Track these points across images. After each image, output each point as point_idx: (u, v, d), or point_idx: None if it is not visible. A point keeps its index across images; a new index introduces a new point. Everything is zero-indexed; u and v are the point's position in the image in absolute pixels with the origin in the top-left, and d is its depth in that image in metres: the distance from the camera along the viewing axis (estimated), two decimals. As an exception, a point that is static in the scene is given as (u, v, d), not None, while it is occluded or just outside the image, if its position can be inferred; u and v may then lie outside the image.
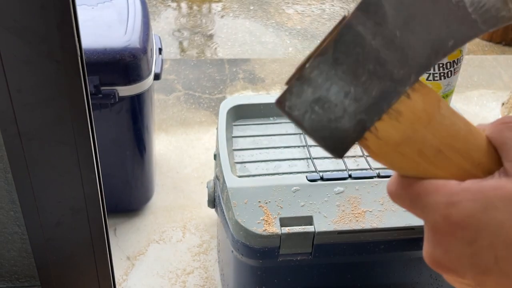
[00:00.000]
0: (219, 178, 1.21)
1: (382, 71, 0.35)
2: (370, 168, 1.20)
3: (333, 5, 3.13)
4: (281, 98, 0.36)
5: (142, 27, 1.43)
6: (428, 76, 1.20)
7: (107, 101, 1.38)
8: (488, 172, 0.35)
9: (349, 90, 0.35)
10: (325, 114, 0.35)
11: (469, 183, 0.34)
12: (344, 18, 0.36)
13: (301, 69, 0.36)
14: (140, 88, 1.41)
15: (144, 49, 1.39)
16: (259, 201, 1.09)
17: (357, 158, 1.25)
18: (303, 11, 3.05)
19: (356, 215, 1.08)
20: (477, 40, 2.68)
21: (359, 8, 0.35)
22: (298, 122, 0.36)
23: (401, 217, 1.08)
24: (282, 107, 0.36)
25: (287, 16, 2.97)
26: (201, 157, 1.89)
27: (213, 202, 1.28)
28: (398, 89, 0.35)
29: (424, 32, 0.36)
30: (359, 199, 1.11)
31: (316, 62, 0.35)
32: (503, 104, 2.11)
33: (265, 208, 1.08)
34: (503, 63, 2.49)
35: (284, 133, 1.32)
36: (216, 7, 3.04)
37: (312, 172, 1.19)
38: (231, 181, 1.13)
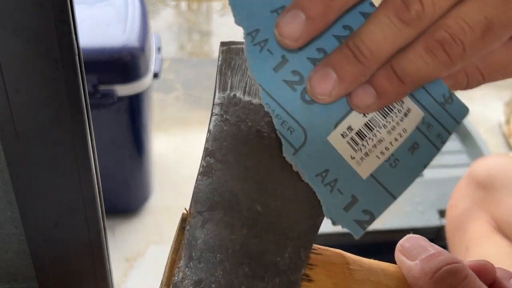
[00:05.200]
0: (218, 178, 1.20)
1: (262, 268, 0.26)
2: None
3: (332, 5, 3.13)
4: None
5: (141, 26, 1.43)
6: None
7: (106, 101, 1.37)
8: None
9: None
10: None
11: None
12: (183, 219, 0.28)
13: None
14: (139, 87, 1.41)
15: (142, 48, 1.39)
16: (259, 202, 1.08)
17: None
18: (303, 10, 3.04)
19: (357, 215, 1.08)
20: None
21: (196, 201, 0.28)
22: None
23: (403, 219, 1.08)
24: None
25: (287, 16, 2.97)
26: (200, 157, 1.88)
27: (212, 202, 1.27)
28: (291, 279, 0.27)
29: (288, 186, 0.28)
30: (360, 200, 1.11)
31: None
32: (506, 104, 2.10)
33: (265, 208, 1.07)
34: (504, 62, 2.47)
35: (284, 133, 1.31)
36: (216, 5, 3.04)
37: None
38: (231, 181, 1.12)
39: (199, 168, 0.28)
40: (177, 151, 1.91)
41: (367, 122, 0.28)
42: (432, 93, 0.29)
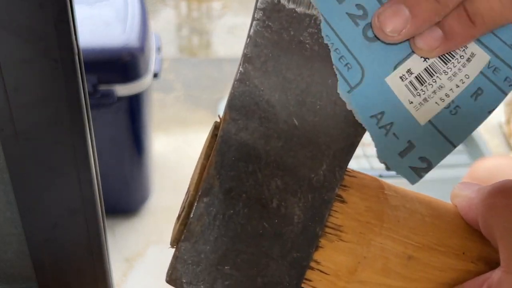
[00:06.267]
0: (218, 178, 1.20)
1: (295, 182, 0.26)
2: (372, 168, 1.19)
3: (332, 5, 3.12)
4: (173, 274, 0.26)
5: (141, 26, 1.43)
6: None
7: (105, 101, 1.37)
8: (477, 258, 0.28)
9: (261, 227, 0.26)
10: (243, 273, 0.26)
11: None
12: (215, 127, 0.28)
13: (184, 224, 0.26)
14: (139, 87, 1.41)
15: (142, 48, 1.39)
16: (259, 202, 1.08)
17: (358, 158, 1.24)
18: (303, 10, 3.04)
19: (357, 216, 1.08)
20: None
21: (231, 107, 0.27)
22: None
23: (402, 218, 1.08)
24: (179, 285, 0.26)
25: (287, 16, 2.97)
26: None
27: (212, 202, 1.27)
28: (325, 197, 0.26)
29: (327, 102, 0.27)
30: (360, 200, 1.10)
31: (202, 206, 0.26)
32: (506, 104, 2.10)
33: (265, 208, 1.07)
34: (503, 63, 2.48)
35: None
36: (216, 5, 3.04)
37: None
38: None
39: (236, 74, 0.27)
40: (177, 151, 1.91)
41: (427, 67, 0.27)
42: (501, 35, 0.27)
